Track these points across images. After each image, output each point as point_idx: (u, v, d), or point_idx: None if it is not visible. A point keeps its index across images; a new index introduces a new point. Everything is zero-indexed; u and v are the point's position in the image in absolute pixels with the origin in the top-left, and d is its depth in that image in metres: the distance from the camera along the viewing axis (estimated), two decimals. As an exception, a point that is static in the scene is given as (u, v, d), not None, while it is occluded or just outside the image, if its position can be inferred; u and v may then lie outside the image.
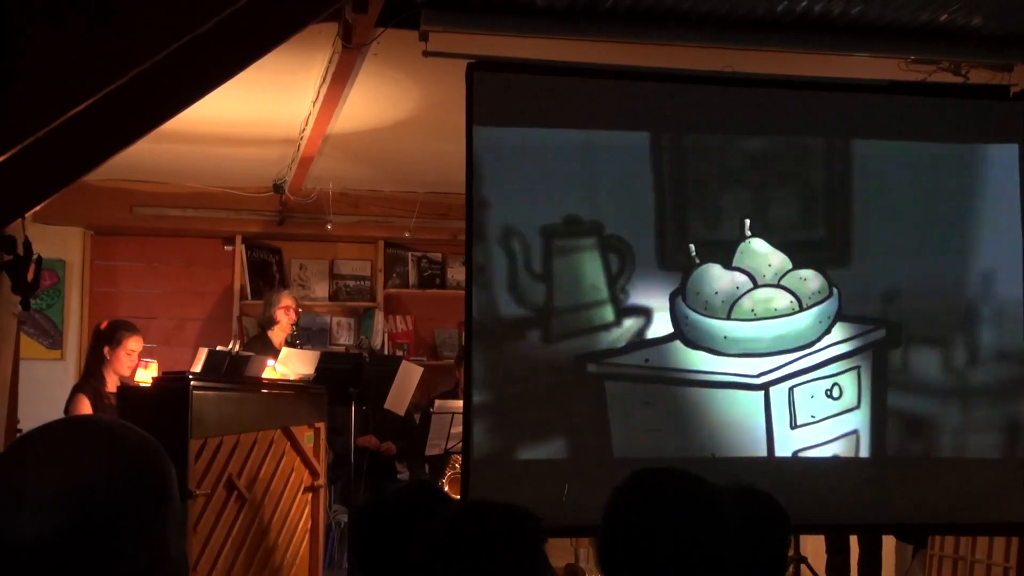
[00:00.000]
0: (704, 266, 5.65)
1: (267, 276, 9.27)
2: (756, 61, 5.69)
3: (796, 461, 5.62)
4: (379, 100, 6.56)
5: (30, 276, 4.27)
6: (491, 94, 5.51)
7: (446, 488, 7.13)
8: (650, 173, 5.67)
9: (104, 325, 6.79)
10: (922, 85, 5.90)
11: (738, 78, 5.76)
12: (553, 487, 5.34)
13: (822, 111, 5.85)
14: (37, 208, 4.49)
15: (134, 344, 6.67)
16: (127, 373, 6.64)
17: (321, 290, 9.46)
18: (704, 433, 5.58)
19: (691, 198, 5.72)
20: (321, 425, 6.28)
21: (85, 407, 6.42)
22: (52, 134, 3.56)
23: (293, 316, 7.97)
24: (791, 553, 5.49)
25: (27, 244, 4.25)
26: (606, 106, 5.67)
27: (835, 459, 5.65)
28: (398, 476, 8.25)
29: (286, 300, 8.06)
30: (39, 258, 4.31)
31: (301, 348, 7.57)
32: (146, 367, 6.58)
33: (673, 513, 2.44)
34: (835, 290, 5.74)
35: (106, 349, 6.59)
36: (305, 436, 6.12)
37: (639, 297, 5.59)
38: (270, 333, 7.99)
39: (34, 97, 3.49)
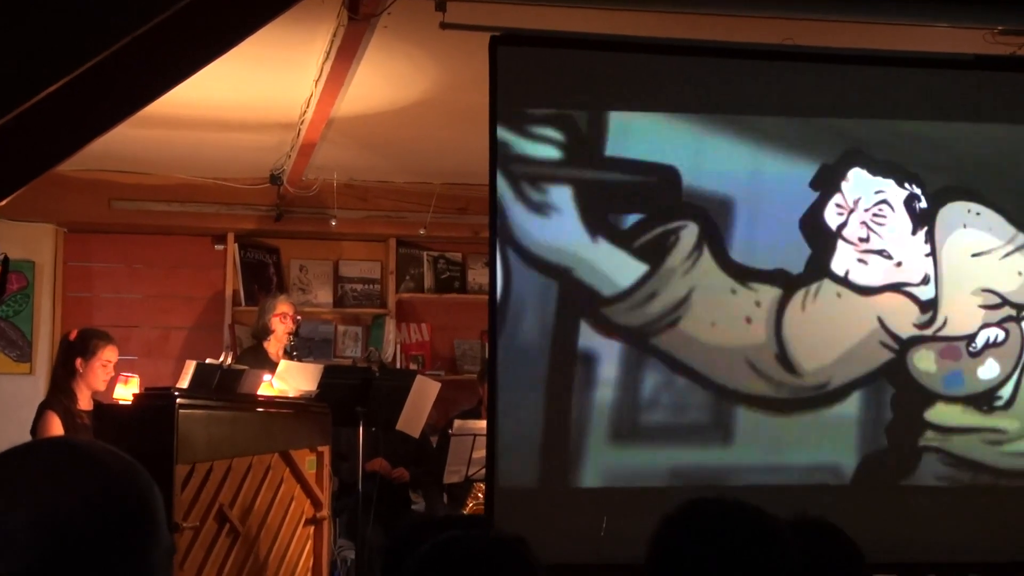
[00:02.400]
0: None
1: (263, 279, 9.29)
2: (822, 33, 5.67)
3: (871, 489, 5.60)
4: (390, 79, 6.57)
5: (-5, 280, 4.29)
6: (517, 72, 5.50)
7: (467, 521, 7.13)
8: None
9: (74, 335, 6.82)
10: (1011, 59, 5.87)
11: (802, 52, 5.74)
12: (590, 519, 5.33)
13: (897, 89, 5.83)
14: (2, 203, 4.52)
15: (109, 354, 6.69)
16: (102, 387, 6.66)
17: (324, 295, 9.47)
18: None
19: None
20: (324, 449, 6.28)
21: (56, 426, 6.44)
22: (18, 120, 3.58)
23: (291, 324, 7.97)
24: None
25: (-8, 244, 4.28)
26: (649, 85, 5.66)
27: (915, 487, 5.62)
28: (412, 507, 8.25)
29: (283, 306, 8.07)
30: (5, 259, 4.33)
31: (301, 361, 7.57)
32: (126, 382, 6.59)
33: (726, 548, 2.44)
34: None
35: (79, 361, 6.61)
36: (306, 461, 6.13)
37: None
38: (265, 344, 7.99)
39: None
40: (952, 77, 5.87)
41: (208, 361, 6.53)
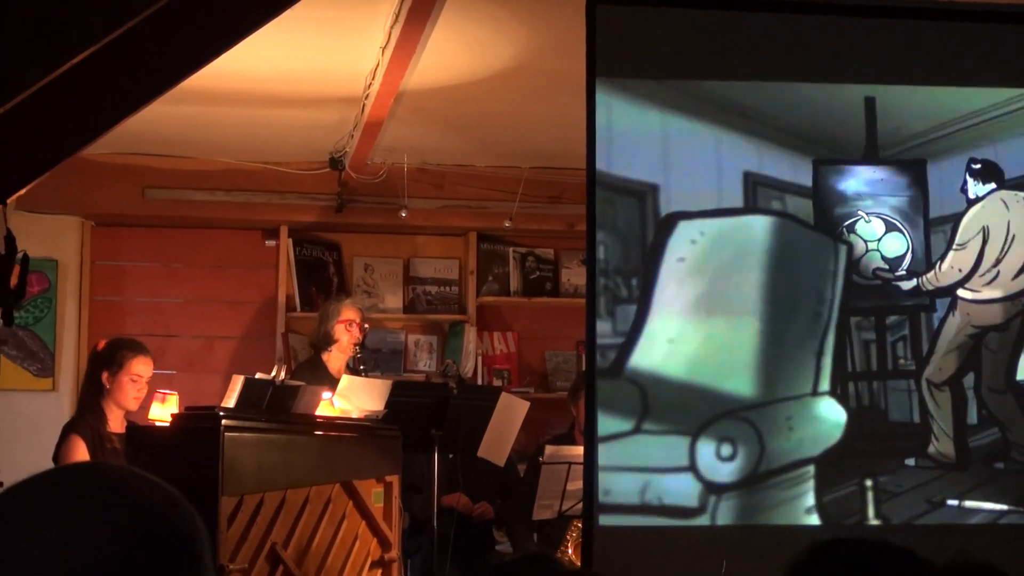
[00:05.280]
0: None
1: (322, 280, 9.34)
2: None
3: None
4: (470, 45, 6.59)
5: (13, 281, 4.35)
6: (620, 35, 5.50)
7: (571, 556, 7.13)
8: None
9: (102, 346, 6.88)
10: None
11: (975, 10, 5.68)
12: (707, 563, 5.31)
13: None
14: (22, 192, 4.58)
15: (140, 367, 6.73)
16: (133, 406, 6.71)
17: (393, 299, 9.51)
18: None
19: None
20: (394, 479, 6.31)
21: (81, 453, 6.50)
22: (39, 96, 3.62)
23: (357, 333, 7.99)
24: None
25: (10, 239, 4.33)
26: (779, 51, 5.64)
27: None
28: (496, 547, 8.25)
29: (349, 312, 8.08)
30: (25, 257, 4.39)
31: (367, 376, 7.61)
32: (163, 401, 6.64)
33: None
34: None
35: (105, 375, 6.66)
36: (373, 493, 6.15)
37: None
38: (325, 356, 8.03)
39: (17, 48, 3.55)
40: None
41: (258, 376, 6.57)
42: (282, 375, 6.67)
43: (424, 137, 8.44)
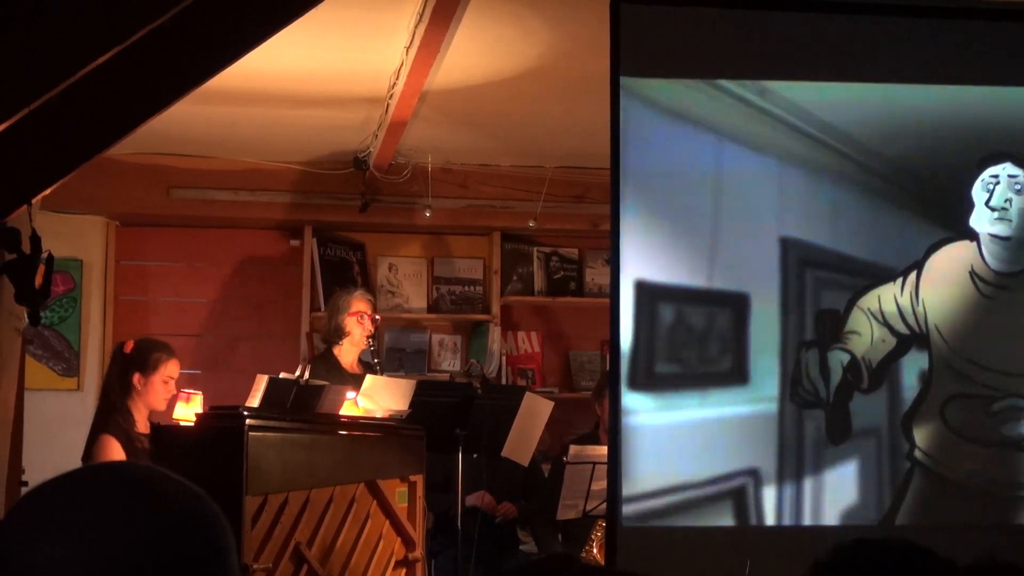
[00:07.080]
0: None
1: (346, 279, 9.33)
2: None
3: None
4: (494, 45, 6.58)
5: (38, 281, 4.36)
6: (644, 34, 5.50)
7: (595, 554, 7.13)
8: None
9: (129, 347, 6.87)
10: None
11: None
12: (730, 563, 5.32)
13: None
14: (47, 192, 4.59)
15: (172, 369, 6.74)
16: (162, 406, 6.71)
17: (418, 298, 9.51)
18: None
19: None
20: (418, 479, 6.31)
21: (116, 453, 6.49)
22: (64, 96, 3.64)
23: (369, 325, 7.91)
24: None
25: (35, 239, 4.34)
26: (804, 50, 5.63)
27: None
28: (520, 547, 8.25)
29: (359, 303, 7.99)
30: (50, 257, 4.40)
31: (385, 372, 7.59)
32: (188, 400, 6.65)
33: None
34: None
35: (136, 377, 6.66)
36: (397, 493, 6.16)
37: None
38: (337, 350, 7.96)
39: (42, 48, 3.57)
40: None
41: (282, 375, 6.58)
42: (306, 375, 6.68)
43: (448, 137, 8.45)
